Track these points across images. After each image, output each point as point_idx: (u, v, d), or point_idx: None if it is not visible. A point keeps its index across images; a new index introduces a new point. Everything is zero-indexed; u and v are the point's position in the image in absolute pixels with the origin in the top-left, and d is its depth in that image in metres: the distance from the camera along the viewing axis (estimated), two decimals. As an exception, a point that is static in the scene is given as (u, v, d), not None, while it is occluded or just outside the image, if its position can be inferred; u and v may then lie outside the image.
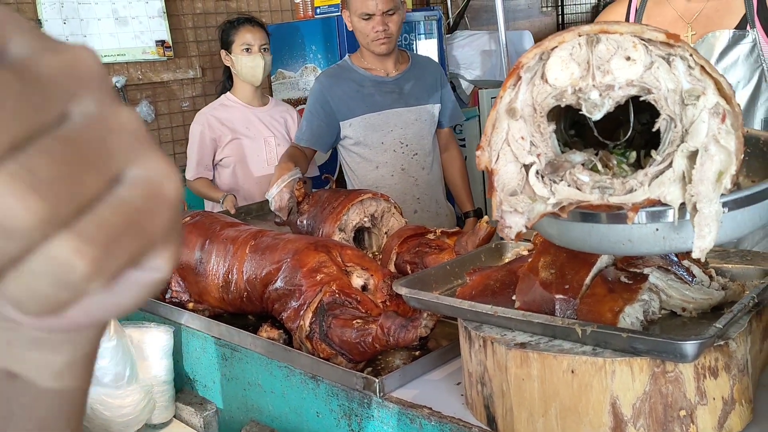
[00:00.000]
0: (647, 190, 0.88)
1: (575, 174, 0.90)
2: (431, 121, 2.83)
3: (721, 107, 0.84)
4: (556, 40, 0.89)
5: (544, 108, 0.90)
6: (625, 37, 0.85)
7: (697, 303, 1.12)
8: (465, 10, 5.33)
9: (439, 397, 1.27)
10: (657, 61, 0.86)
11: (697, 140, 0.85)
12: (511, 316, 1.09)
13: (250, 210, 2.72)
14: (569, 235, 0.98)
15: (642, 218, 0.90)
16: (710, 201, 0.84)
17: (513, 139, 0.91)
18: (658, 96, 0.87)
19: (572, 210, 0.91)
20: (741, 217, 0.90)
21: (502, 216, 0.92)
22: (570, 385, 1.01)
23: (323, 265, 1.50)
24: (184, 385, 1.84)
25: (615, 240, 0.92)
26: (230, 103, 3.09)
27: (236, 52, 2.99)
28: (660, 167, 0.88)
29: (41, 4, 3.45)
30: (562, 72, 0.88)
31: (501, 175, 0.92)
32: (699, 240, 0.85)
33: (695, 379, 0.98)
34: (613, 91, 0.86)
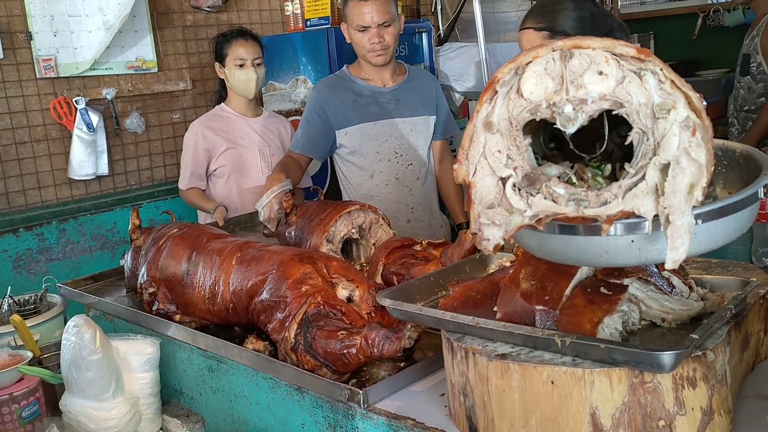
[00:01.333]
0: (621, 203, 0.89)
1: (551, 187, 0.91)
2: (426, 132, 2.86)
3: (692, 121, 0.86)
4: (530, 55, 0.90)
5: (519, 122, 0.91)
6: (598, 52, 0.87)
7: (676, 314, 1.13)
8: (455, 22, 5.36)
9: (422, 409, 1.28)
10: (629, 76, 0.87)
11: (669, 153, 0.87)
12: (492, 327, 1.10)
13: (239, 221, 2.72)
14: (548, 247, 0.99)
15: (617, 230, 0.91)
16: (682, 213, 0.85)
17: (490, 152, 0.92)
18: (630, 110, 0.88)
19: (549, 222, 0.92)
20: (715, 229, 0.92)
21: (480, 228, 0.93)
22: (550, 396, 1.01)
23: (308, 277, 1.50)
24: (170, 397, 1.84)
25: (592, 252, 0.94)
26: (224, 114, 3.10)
27: (229, 66, 3.00)
28: (633, 180, 0.90)
29: (32, 17, 3.45)
30: (537, 86, 0.89)
31: (478, 188, 0.93)
32: (672, 251, 0.86)
33: (673, 389, 0.98)
34: (587, 105, 0.88)
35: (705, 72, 5.47)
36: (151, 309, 1.83)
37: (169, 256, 1.83)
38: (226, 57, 3.01)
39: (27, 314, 2.14)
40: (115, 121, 3.78)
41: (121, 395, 1.63)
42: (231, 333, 1.74)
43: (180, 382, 1.80)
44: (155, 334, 1.80)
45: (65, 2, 3.54)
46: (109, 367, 1.59)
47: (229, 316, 1.69)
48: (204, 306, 1.73)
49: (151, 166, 4.00)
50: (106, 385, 1.59)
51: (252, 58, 2.98)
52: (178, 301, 1.80)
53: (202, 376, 1.72)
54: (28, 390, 1.62)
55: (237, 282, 1.64)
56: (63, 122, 3.60)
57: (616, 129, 0.98)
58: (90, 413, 1.59)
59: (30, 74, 3.51)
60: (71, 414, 1.61)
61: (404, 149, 2.80)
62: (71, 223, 3.63)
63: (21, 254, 3.45)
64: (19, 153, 3.52)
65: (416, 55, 4.29)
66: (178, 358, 1.78)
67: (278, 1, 4.40)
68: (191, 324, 1.78)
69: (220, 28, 4.16)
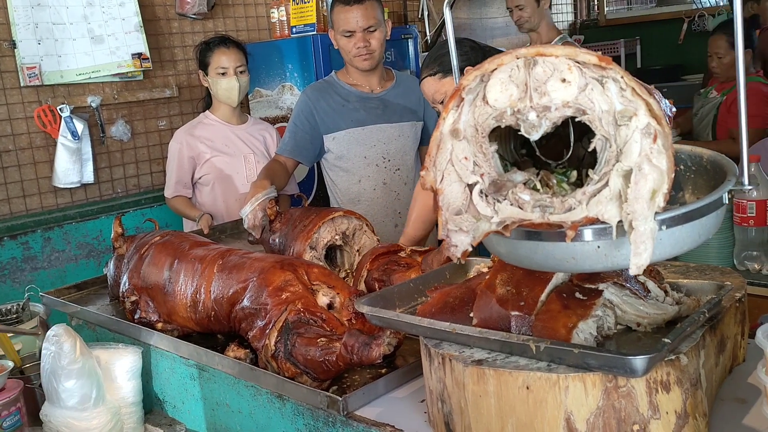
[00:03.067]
0: (585, 209, 0.90)
1: (517, 193, 0.91)
2: (414, 138, 2.87)
3: (653, 127, 0.87)
4: (495, 62, 0.91)
5: (485, 129, 0.92)
6: (561, 60, 0.88)
7: (651, 318, 1.13)
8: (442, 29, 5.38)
9: (402, 415, 1.28)
10: (591, 83, 0.88)
11: (631, 160, 0.88)
12: (469, 333, 1.10)
13: (224, 228, 2.72)
14: (517, 253, 1.00)
15: (583, 236, 0.92)
16: (645, 218, 0.86)
17: (457, 159, 0.92)
18: (593, 117, 0.89)
19: (517, 228, 0.93)
20: (680, 234, 0.93)
21: (448, 235, 0.94)
22: (525, 401, 1.02)
23: (289, 284, 1.50)
24: (153, 406, 1.83)
25: (560, 257, 0.94)
26: (209, 122, 3.09)
27: (212, 75, 2.99)
28: (597, 186, 0.90)
29: (15, 25, 3.44)
30: (502, 93, 0.90)
31: (446, 194, 0.93)
32: (635, 257, 0.87)
33: (647, 393, 0.99)
34: (550, 112, 0.89)
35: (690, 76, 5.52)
36: (134, 317, 1.82)
37: (151, 264, 1.82)
38: (208, 65, 2.99)
39: (9, 324, 2.12)
40: (100, 128, 3.77)
41: (103, 404, 1.62)
42: (213, 341, 1.73)
43: (162, 390, 1.80)
44: (137, 342, 1.79)
45: (49, 10, 3.54)
46: (89, 377, 1.58)
47: (211, 323, 1.68)
48: (186, 314, 1.72)
49: (137, 174, 3.99)
50: (87, 394, 1.58)
51: (234, 66, 2.97)
52: (160, 310, 1.79)
53: (184, 385, 1.71)
54: (8, 400, 1.60)
55: (218, 289, 1.63)
56: (47, 130, 3.58)
57: (587, 135, 0.99)
58: (71, 423, 1.58)
59: (14, 82, 3.49)
60: (52, 424, 1.60)
61: (392, 154, 2.81)
62: (56, 231, 3.61)
63: (5, 263, 3.43)
64: (3, 161, 3.50)
65: (403, 61, 4.31)
66: (161, 366, 1.77)
67: (264, 8, 4.40)
68: (173, 332, 1.77)
69: (207, 35, 4.16)
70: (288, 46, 3.94)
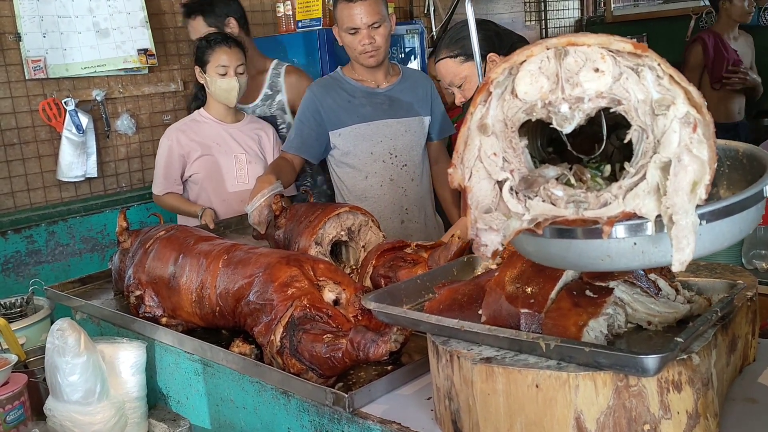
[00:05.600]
0: (622, 203, 0.86)
1: (549, 189, 0.88)
2: (421, 133, 2.85)
3: (692, 116, 0.83)
4: (524, 54, 0.88)
5: (515, 123, 0.89)
6: (593, 49, 0.84)
7: (662, 317, 1.12)
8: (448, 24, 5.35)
9: (409, 413, 1.27)
10: (626, 72, 0.84)
11: (670, 150, 0.83)
12: (477, 331, 1.09)
13: (229, 224, 2.70)
14: (547, 252, 0.96)
15: (619, 232, 0.87)
16: (686, 212, 0.82)
17: (485, 155, 0.89)
18: (629, 107, 0.85)
19: (549, 226, 0.89)
20: (720, 229, 0.88)
21: (477, 234, 0.90)
22: (535, 399, 1.00)
23: (295, 280, 1.49)
24: (157, 401, 1.82)
25: (593, 256, 0.90)
26: (202, 119, 3.03)
27: (211, 73, 2.91)
28: (634, 179, 0.86)
29: (20, 18, 3.43)
30: (532, 86, 0.86)
31: (475, 192, 0.90)
32: (678, 253, 0.82)
33: (659, 393, 0.98)
34: (583, 104, 0.85)
35: (697, 73, 5.47)
36: (138, 312, 1.82)
37: (156, 259, 1.81)
38: (207, 63, 2.91)
39: (13, 317, 2.12)
40: (105, 122, 3.76)
41: (107, 399, 1.61)
42: (218, 336, 1.73)
43: (167, 385, 1.79)
44: (142, 337, 1.78)
45: (54, 3, 3.52)
46: (93, 371, 1.58)
47: (215, 319, 1.68)
48: (191, 309, 1.71)
49: (141, 168, 3.98)
50: (91, 388, 1.57)
51: (235, 66, 2.90)
52: (164, 304, 1.78)
53: (188, 380, 1.70)
54: (12, 394, 1.60)
55: (223, 285, 1.62)
56: (52, 124, 3.57)
57: (615, 131, 0.96)
58: (74, 417, 1.58)
59: (19, 75, 3.48)
60: (56, 418, 1.59)
61: (399, 150, 2.79)
62: (60, 225, 3.61)
63: (9, 257, 3.43)
64: (7, 155, 3.49)
65: (409, 57, 4.29)
66: (165, 361, 1.77)
67: (270, 2, 4.38)
68: (178, 327, 1.76)
69: (211, 30, 4.15)
70: (294, 40, 3.93)
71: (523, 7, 6.65)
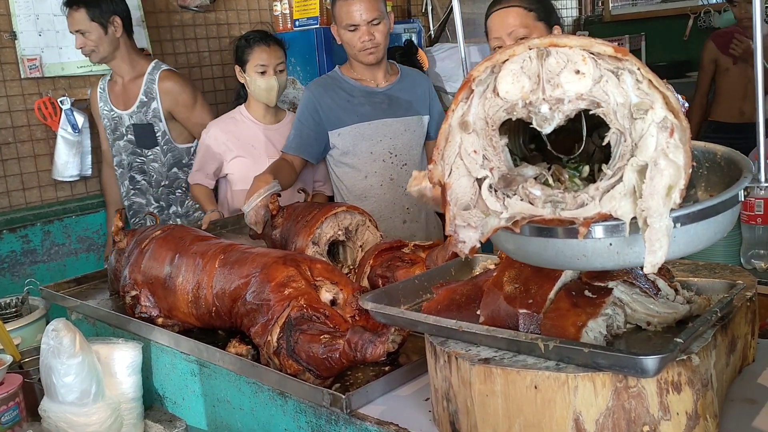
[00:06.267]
0: (598, 204, 0.87)
1: (527, 188, 0.89)
2: (420, 132, 2.85)
3: (669, 121, 0.84)
4: (507, 53, 0.88)
5: (495, 121, 0.89)
6: (575, 51, 0.85)
7: (661, 317, 1.11)
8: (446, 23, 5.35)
9: (406, 414, 1.26)
10: (606, 75, 0.86)
11: (647, 154, 0.85)
12: (476, 331, 1.08)
13: (226, 223, 2.69)
14: (526, 250, 0.97)
15: (595, 233, 0.89)
16: (660, 215, 0.84)
17: (466, 152, 0.90)
18: (608, 110, 0.86)
19: (527, 225, 0.90)
20: (695, 232, 0.90)
21: (456, 231, 0.91)
22: (533, 401, 1.00)
23: (292, 280, 1.48)
24: (153, 402, 1.81)
25: (570, 255, 0.92)
26: (241, 118, 3.00)
27: (250, 73, 2.87)
28: (611, 181, 0.88)
29: (16, 16, 3.42)
30: (513, 85, 0.87)
31: (454, 189, 0.91)
32: (650, 255, 0.84)
33: (658, 394, 0.97)
34: (563, 105, 0.86)
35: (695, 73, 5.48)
36: (134, 312, 1.80)
37: (152, 259, 1.80)
38: (247, 62, 2.87)
39: (8, 318, 2.10)
40: (101, 121, 3.74)
41: (102, 400, 1.60)
42: (215, 337, 1.71)
43: (163, 386, 1.78)
44: (137, 337, 1.77)
45: (50, 2, 3.51)
46: (89, 372, 1.57)
47: (212, 319, 1.66)
48: (187, 309, 1.70)
49: (138, 167, 3.96)
50: (86, 389, 1.56)
51: (275, 65, 2.86)
52: (160, 305, 1.77)
53: (184, 381, 1.69)
54: (7, 395, 1.58)
55: (220, 285, 1.61)
56: (48, 123, 3.56)
57: (597, 130, 0.96)
58: (70, 418, 1.57)
59: (14, 74, 3.47)
60: (51, 419, 1.58)
61: (398, 149, 2.78)
62: (56, 224, 3.59)
63: (4, 257, 3.41)
64: (2, 154, 3.48)
65: (406, 56, 4.28)
66: (161, 362, 1.75)
67: (267, 1, 4.37)
68: (174, 327, 1.75)
69: (208, 28, 4.14)
70: (291, 39, 3.89)
71: (520, 6, 6.63)
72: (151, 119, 3.16)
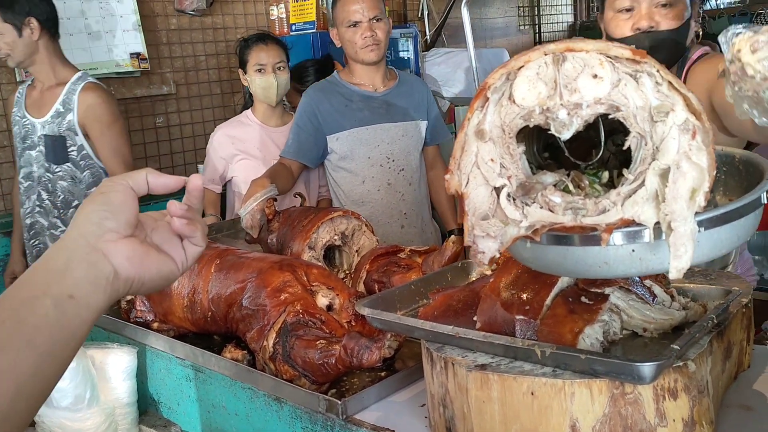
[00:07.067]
0: (620, 210, 0.85)
1: (547, 195, 0.87)
2: (418, 138, 2.85)
3: (691, 123, 0.83)
4: (522, 59, 0.87)
5: (512, 129, 0.88)
6: (591, 55, 0.84)
7: (658, 323, 1.11)
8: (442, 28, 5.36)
9: (402, 420, 1.26)
10: (624, 78, 0.84)
11: (669, 157, 0.83)
12: (472, 338, 1.08)
13: (221, 227, 2.69)
14: (545, 259, 0.95)
15: (617, 239, 0.87)
16: (685, 219, 0.82)
17: (482, 161, 0.89)
18: (627, 113, 0.85)
19: (546, 233, 0.88)
20: (718, 236, 0.88)
21: (474, 241, 0.90)
22: (530, 407, 1.00)
23: (288, 285, 1.48)
24: (148, 407, 1.80)
25: (591, 263, 0.89)
26: (248, 122, 3.01)
27: (250, 72, 2.89)
28: (632, 186, 0.86)
29: (12, 20, 3.41)
30: (529, 92, 0.86)
31: (471, 198, 0.89)
32: (675, 260, 0.82)
33: (654, 400, 0.97)
34: (581, 110, 0.84)
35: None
36: (129, 317, 1.80)
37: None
38: (247, 63, 2.90)
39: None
40: (97, 125, 3.73)
41: (97, 405, 1.59)
42: (210, 342, 1.71)
43: (158, 391, 1.77)
44: (133, 342, 1.76)
45: (47, 6, 3.50)
46: (83, 377, 1.56)
47: (207, 324, 1.66)
48: (182, 314, 1.70)
49: (134, 171, 3.96)
50: (81, 395, 1.56)
51: (273, 63, 2.87)
52: (156, 309, 1.76)
53: (180, 386, 1.69)
54: (0, 400, 1.58)
55: (216, 290, 1.61)
56: (44, 126, 3.54)
57: (611, 137, 0.95)
58: (64, 424, 1.56)
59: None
60: (45, 425, 1.57)
61: (396, 154, 2.79)
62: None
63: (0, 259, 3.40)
64: (-2, 157, 3.47)
65: (403, 61, 4.29)
66: (156, 367, 1.75)
67: (264, 5, 4.38)
68: (169, 332, 1.75)
69: (205, 32, 4.14)
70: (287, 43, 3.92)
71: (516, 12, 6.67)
72: (65, 131, 2.88)
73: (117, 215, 0.74)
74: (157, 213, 0.83)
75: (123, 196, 0.76)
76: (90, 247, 0.72)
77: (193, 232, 0.80)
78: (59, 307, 0.67)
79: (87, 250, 0.72)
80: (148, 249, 0.78)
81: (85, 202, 0.76)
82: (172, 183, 0.80)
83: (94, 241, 0.73)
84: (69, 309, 0.68)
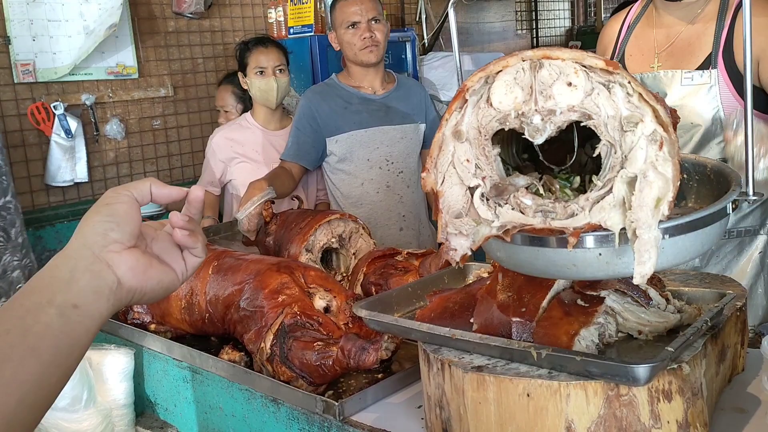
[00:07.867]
0: (588, 215, 0.89)
1: (519, 197, 0.90)
2: (417, 140, 2.86)
3: (659, 134, 0.86)
4: (500, 64, 0.90)
5: (488, 131, 0.91)
6: (567, 63, 0.87)
7: (653, 326, 1.12)
8: (440, 32, 5.38)
9: (399, 421, 1.26)
10: (597, 88, 0.87)
11: (636, 166, 0.86)
12: (469, 339, 1.09)
13: (218, 229, 2.69)
14: (517, 259, 0.98)
15: (585, 243, 0.90)
16: (649, 227, 0.85)
17: (458, 161, 0.91)
18: (598, 122, 0.88)
19: (518, 234, 0.91)
20: (682, 243, 0.91)
21: (447, 238, 0.92)
22: (526, 408, 1.00)
23: (285, 287, 1.48)
24: (145, 409, 1.81)
25: (561, 264, 0.93)
26: (247, 125, 3.02)
27: (250, 75, 2.89)
28: (601, 192, 0.89)
29: (10, 21, 3.42)
30: (506, 96, 0.89)
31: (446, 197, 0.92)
32: (639, 266, 0.86)
33: (649, 402, 0.98)
34: (555, 116, 0.87)
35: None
36: (126, 318, 1.80)
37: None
38: (247, 66, 2.90)
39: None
40: (94, 127, 3.74)
41: (93, 406, 1.59)
42: (207, 343, 1.71)
43: (154, 392, 1.77)
44: (130, 343, 1.77)
45: (44, 7, 3.51)
46: (80, 378, 1.56)
47: (205, 326, 1.67)
48: (180, 316, 1.70)
49: (131, 173, 3.96)
50: (78, 396, 1.56)
51: (273, 66, 2.87)
52: (153, 311, 1.77)
53: (177, 387, 1.69)
54: (-3, 401, 1.58)
55: (213, 291, 1.61)
56: (41, 128, 3.56)
57: (590, 141, 0.97)
58: (61, 425, 1.56)
59: (7, 79, 3.46)
60: (42, 426, 1.57)
61: (395, 157, 2.80)
62: (48, 230, 3.58)
63: (-4, 261, 3.39)
64: (-5, 158, 3.46)
65: (400, 65, 4.30)
66: (153, 368, 1.75)
67: (262, 9, 4.39)
68: (167, 334, 1.75)
69: (203, 35, 4.15)
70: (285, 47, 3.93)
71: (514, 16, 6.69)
72: None
73: (121, 226, 0.75)
74: (157, 223, 0.84)
75: (127, 207, 0.76)
76: (94, 257, 0.73)
77: (194, 243, 0.81)
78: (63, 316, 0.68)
79: (91, 260, 0.72)
80: (150, 259, 0.78)
81: (90, 212, 0.76)
82: (175, 193, 0.81)
83: (99, 252, 0.73)
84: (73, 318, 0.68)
